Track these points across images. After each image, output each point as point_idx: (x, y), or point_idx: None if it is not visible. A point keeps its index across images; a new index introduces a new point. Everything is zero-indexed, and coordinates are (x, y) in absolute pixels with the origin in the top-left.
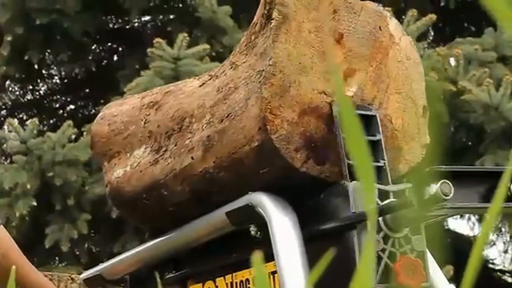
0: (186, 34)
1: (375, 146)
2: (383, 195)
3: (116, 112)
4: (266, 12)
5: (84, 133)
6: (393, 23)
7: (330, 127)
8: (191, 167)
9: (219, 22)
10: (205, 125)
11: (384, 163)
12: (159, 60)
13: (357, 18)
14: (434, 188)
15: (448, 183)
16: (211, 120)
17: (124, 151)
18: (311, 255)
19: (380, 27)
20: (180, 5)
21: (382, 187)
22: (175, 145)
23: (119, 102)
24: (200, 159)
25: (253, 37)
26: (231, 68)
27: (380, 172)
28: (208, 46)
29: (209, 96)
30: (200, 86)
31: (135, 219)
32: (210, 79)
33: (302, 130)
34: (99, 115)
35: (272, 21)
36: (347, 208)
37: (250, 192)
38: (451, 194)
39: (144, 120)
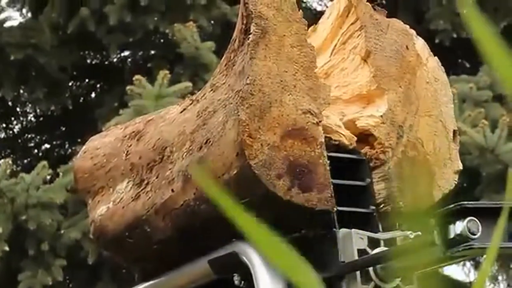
0: (167, 71)
1: (364, 191)
2: (373, 243)
3: (99, 145)
4: (243, 26)
5: (60, 174)
6: (419, 43)
7: (316, 150)
8: (171, 201)
9: (202, 58)
10: (185, 154)
11: (373, 209)
12: (139, 98)
13: (384, 36)
14: (460, 226)
15: (475, 221)
16: (191, 147)
17: (107, 186)
18: None
19: (407, 46)
20: (162, 40)
21: (371, 235)
22: (157, 177)
23: (103, 134)
24: (180, 191)
25: (232, 55)
26: (211, 90)
27: (369, 219)
28: (190, 84)
29: (189, 122)
30: (181, 112)
31: (122, 260)
32: (191, 104)
33: (285, 154)
34: (82, 149)
35: (250, 36)
36: (336, 257)
37: (234, 240)
38: (479, 233)
39: (126, 152)
